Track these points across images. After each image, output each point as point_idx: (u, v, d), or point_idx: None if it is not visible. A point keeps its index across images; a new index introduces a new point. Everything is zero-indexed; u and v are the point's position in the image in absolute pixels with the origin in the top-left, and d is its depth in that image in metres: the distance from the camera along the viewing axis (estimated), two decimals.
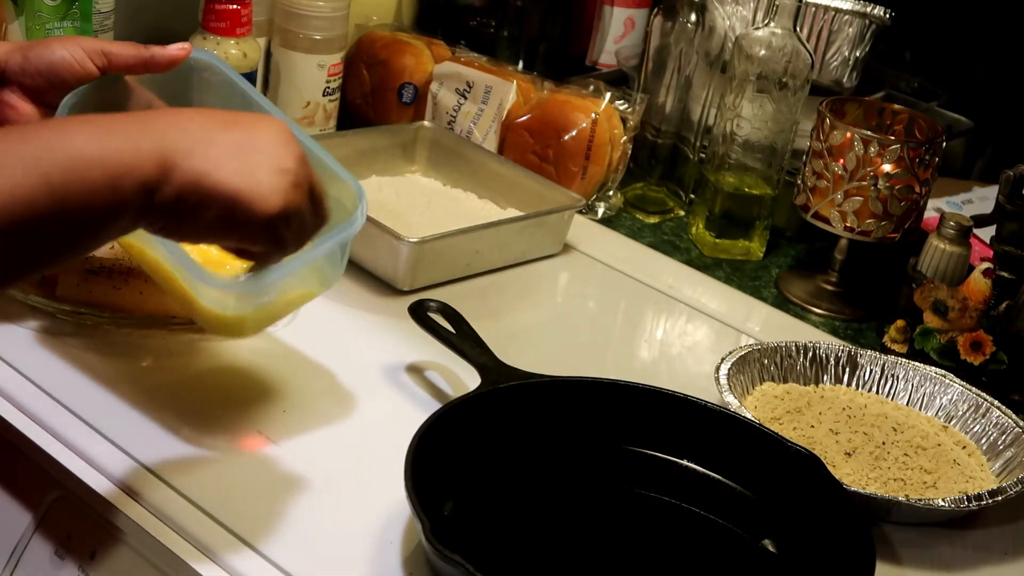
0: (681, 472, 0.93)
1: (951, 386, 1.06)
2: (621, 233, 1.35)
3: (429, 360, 1.04)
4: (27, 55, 0.82)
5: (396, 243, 1.11)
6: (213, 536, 0.82)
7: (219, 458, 0.90)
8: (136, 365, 0.98)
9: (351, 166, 1.29)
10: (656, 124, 1.39)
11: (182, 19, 1.31)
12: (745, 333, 1.19)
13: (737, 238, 1.34)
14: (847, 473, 0.96)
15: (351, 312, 1.11)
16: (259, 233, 0.73)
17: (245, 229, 0.72)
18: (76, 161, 0.65)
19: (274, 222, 0.72)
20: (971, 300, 1.12)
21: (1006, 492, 0.93)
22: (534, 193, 1.26)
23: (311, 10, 1.33)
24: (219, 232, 0.73)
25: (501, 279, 1.21)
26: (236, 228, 0.72)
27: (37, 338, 0.99)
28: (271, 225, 0.72)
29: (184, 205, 0.69)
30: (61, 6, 1.19)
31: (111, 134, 0.67)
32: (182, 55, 0.86)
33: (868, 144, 1.19)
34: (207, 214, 0.70)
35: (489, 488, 0.89)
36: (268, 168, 0.72)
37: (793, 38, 1.25)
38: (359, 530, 0.85)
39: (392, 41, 1.46)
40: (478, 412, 0.91)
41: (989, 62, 1.55)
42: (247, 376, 0.99)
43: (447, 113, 1.40)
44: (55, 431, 0.90)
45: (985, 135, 1.53)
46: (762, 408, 1.02)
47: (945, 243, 1.16)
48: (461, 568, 0.73)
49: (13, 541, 0.91)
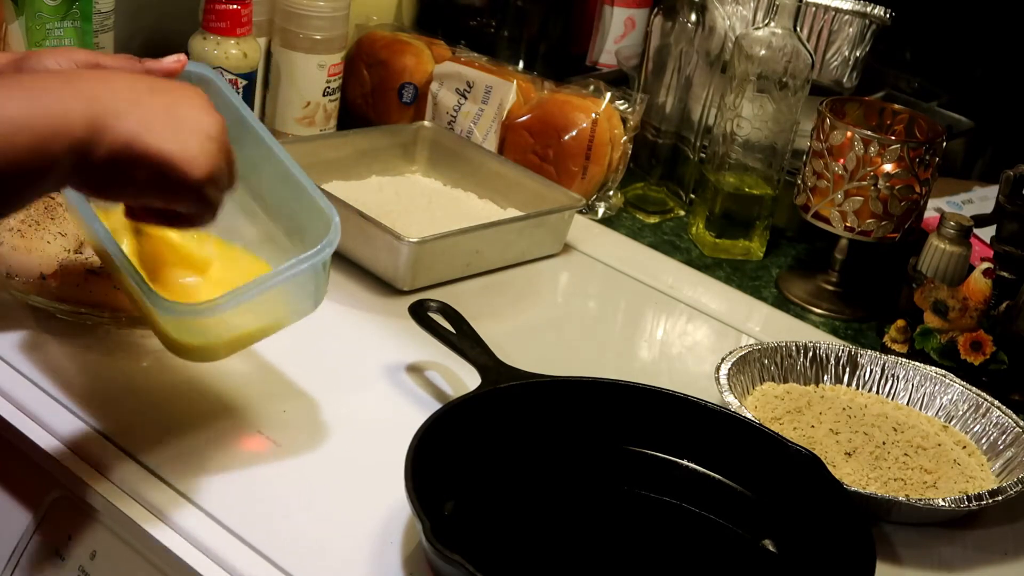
0: (681, 472, 0.93)
1: (951, 386, 1.06)
2: (621, 233, 1.35)
3: (429, 360, 1.04)
4: (21, 67, 0.82)
5: (396, 243, 1.11)
6: (213, 536, 0.82)
7: (219, 458, 0.90)
8: (136, 365, 0.98)
9: (351, 166, 1.31)
10: (656, 124, 1.39)
11: (182, 19, 1.31)
12: (745, 333, 1.19)
13: (737, 238, 1.34)
14: (847, 473, 0.96)
15: (351, 312, 1.11)
16: (189, 195, 0.75)
17: (175, 191, 0.74)
18: (2, 125, 0.66)
19: (204, 184, 0.75)
20: (971, 300, 1.12)
21: (1006, 492, 0.93)
22: (534, 193, 1.26)
23: (311, 10, 1.33)
24: (149, 193, 0.75)
25: (501, 279, 1.21)
26: (166, 190, 0.74)
27: (37, 338, 0.99)
28: (201, 187, 0.75)
29: (116, 166, 0.71)
30: (61, 6, 1.19)
31: (39, 96, 0.68)
32: (177, 68, 0.86)
33: (868, 144, 1.19)
34: (139, 175, 0.72)
35: (489, 488, 0.89)
36: (197, 134, 0.74)
37: (793, 38, 1.25)
38: (359, 530, 0.85)
39: (392, 41, 1.46)
40: (478, 412, 0.91)
41: (989, 62, 1.55)
42: (247, 376, 0.99)
43: (447, 113, 1.40)
44: (55, 431, 0.90)
45: (985, 135, 1.53)
46: (762, 408, 1.02)
47: (945, 243, 1.16)
48: (461, 568, 0.73)
49: (13, 541, 0.91)
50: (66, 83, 0.71)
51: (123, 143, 0.70)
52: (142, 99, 0.72)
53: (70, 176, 0.70)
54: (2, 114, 0.66)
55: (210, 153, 0.74)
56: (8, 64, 0.82)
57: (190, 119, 0.74)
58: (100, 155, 0.70)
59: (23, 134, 0.67)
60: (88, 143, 0.69)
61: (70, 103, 0.69)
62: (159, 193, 0.75)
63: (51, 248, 0.99)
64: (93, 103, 0.70)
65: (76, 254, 0.99)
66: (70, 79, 0.72)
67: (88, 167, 0.70)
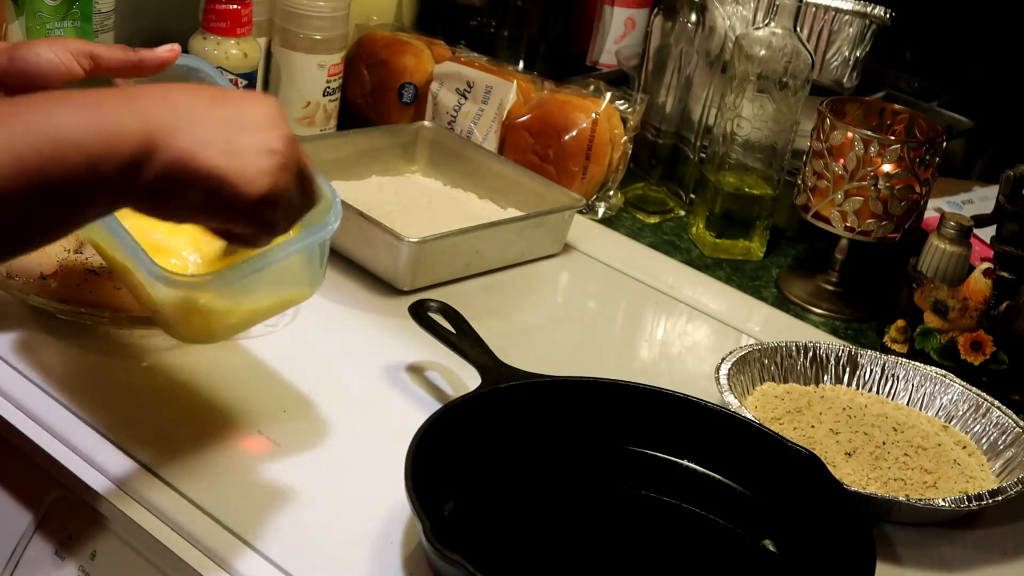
0: (681, 472, 0.93)
1: (951, 386, 1.06)
2: (621, 233, 1.35)
3: (429, 360, 1.04)
4: (12, 56, 0.80)
5: (396, 243, 1.11)
6: (213, 536, 0.82)
7: (219, 458, 0.90)
8: (136, 365, 0.98)
9: (351, 166, 1.31)
10: (656, 124, 1.39)
11: (182, 19, 1.31)
12: (745, 333, 1.19)
13: (737, 238, 1.34)
14: (847, 473, 0.96)
15: (351, 312, 1.11)
16: (244, 215, 0.71)
17: (230, 211, 0.70)
18: (55, 142, 0.63)
19: (260, 204, 0.71)
20: (971, 300, 1.12)
21: (1006, 492, 0.93)
22: (534, 193, 1.26)
23: (311, 10, 1.33)
24: (204, 213, 0.71)
25: (501, 279, 1.21)
26: (221, 209, 0.70)
27: (37, 338, 0.99)
28: (257, 207, 0.71)
29: (168, 185, 0.67)
30: (61, 6, 1.19)
31: (95, 113, 0.65)
32: (171, 57, 0.85)
33: (868, 144, 1.19)
34: (192, 195, 0.69)
35: (489, 488, 0.89)
36: (255, 148, 0.70)
37: (793, 38, 1.25)
38: (359, 530, 0.85)
39: (392, 41, 1.46)
40: (478, 412, 0.91)
41: (989, 62, 1.55)
42: (247, 376, 0.99)
43: (447, 113, 1.40)
44: (55, 431, 0.90)
45: (985, 135, 1.53)
46: (762, 408, 1.02)
47: (945, 243, 1.16)
48: (461, 568, 0.73)
49: (13, 541, 0.91)
50: (125, 99, 0.68)
51: (175, 161, 0.67)
52: (201, 112, 0.69)
53: (124, 195, 0.67)
54: (54, 131, 0.64)
55: (268, 169, 0.70)
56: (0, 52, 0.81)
57: (251, 132, 0.70)
58: (152, 174, 0.66)
59: (75, 153, 0.63)
60: (140, 161, 0.66)
61: (126, 120, 0.66)
62: (213, 213, 0.71)
63: (51, 248, 0.99)
64: (149, 120, 0.66)
65: (76, 254, 0.99)
66: (130, 94, 0.69)
67: (140, 187, 0.67)
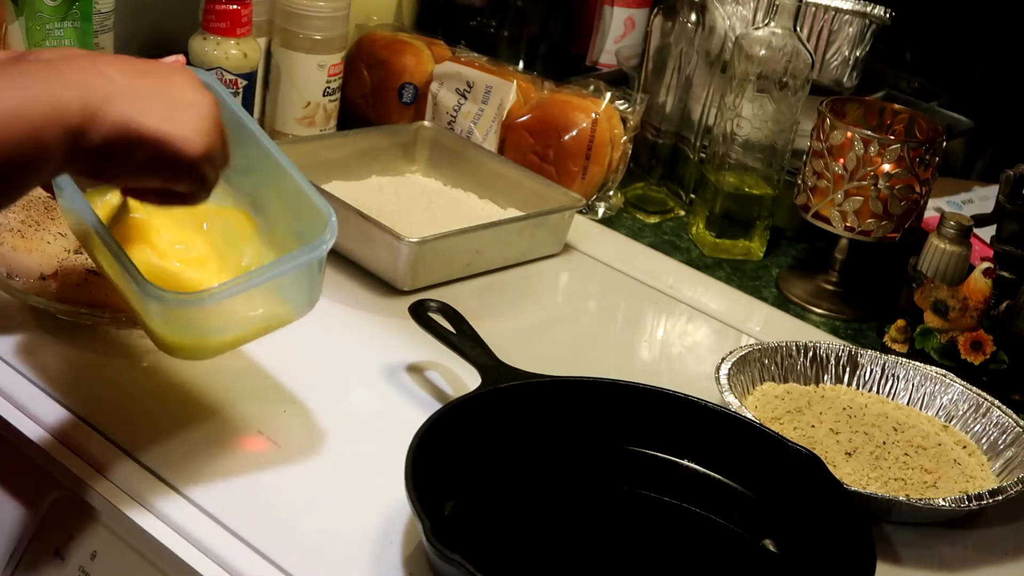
0: (682, 472, 0.93)
1: (951, 386, 1.06)
2: (621, 233, 1.35)
3: (429, 360, 1.04)
4: None
5: (396, 243, 1.11)
6: (213, 536, 0.82)
7: (219, 458, 0.90)
8: (136, 365, 0.98)
9: (351, 166, 1.31)
10: (656, 124, 1.39)
11: (182, 19, 1.31)
12: (745, 333, 1.19)
13: (737, 238, 1.34)
14: (847, 473, 0.96)
15: (351, 312, 1.11)
16: (187, 173, 0.76)
17: (172, 170, 0.76)
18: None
19: (200, 162, 0.76)
20: (971, 300, 1.12)
21: (1006, 492, 0.93)
22: (534, 193, 1.26)
23: (311, 10, 1.33)
24: (146, 173, 0.76)
25: (501, 279, 1.21)
26: (164, 169, 0.75)
27: (37, 338, 0.99)
28: (197, 165, 0.76)
29: (113, 149, 0.72)
30: (61, 6, 1.19)
31: (31, 85, 0.70)
32: None
33: (868, 144, 1.19)
34: (136, 156, 0.73)
35: (489, 488, 0.89)
36: (191, 113, 0.75)
37: (793, 38, 1.25)
38: (359, 530, 0.85)
39: (392, 41, 1.46)
40: (478, 412, 0.91)
41: (989, 62, 1.55)
42: (247, 376, 0.99)
43: (447, 113, 1.40)
44: (55, 431, 0.90)
45: (985, 135, 1.53)
46: (762, 408, 1.02)
47: (945, 243, 1.16)
48: (461, 568, 0.73)
49: (13, 541, 0.91)
50: (57, 71, 0.72)
51: (118, 126, 0.71)
52: (133, 81, 0.73)
53: (66, 162, 0.71)
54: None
55: (205, 131, 0.76)
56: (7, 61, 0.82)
57: (183, 98, 0.76)
58: (95, 139, 0.71)
59: (17, 123, 0.68)
60: (82, 128, 0.70)
61: (62, 90, 0.70)
62: (156, 172, 0.76)
63: (51, 248, 0.99)
64: (85, 88, 0.71)
65: (76, 254, 0.99)
66: (61, 67, 0.73)
67: (84, 152, 0.71)
